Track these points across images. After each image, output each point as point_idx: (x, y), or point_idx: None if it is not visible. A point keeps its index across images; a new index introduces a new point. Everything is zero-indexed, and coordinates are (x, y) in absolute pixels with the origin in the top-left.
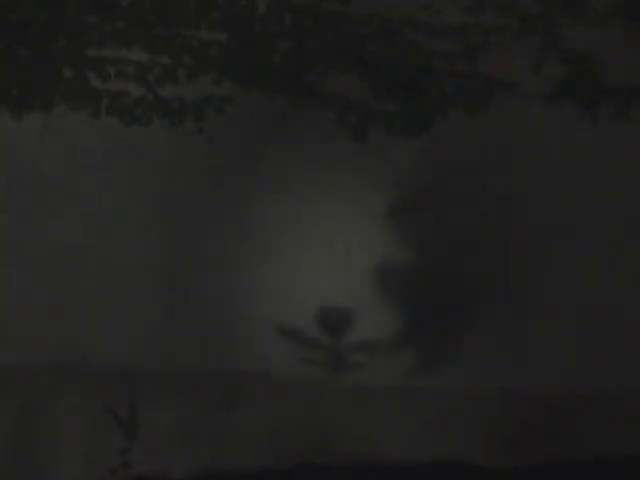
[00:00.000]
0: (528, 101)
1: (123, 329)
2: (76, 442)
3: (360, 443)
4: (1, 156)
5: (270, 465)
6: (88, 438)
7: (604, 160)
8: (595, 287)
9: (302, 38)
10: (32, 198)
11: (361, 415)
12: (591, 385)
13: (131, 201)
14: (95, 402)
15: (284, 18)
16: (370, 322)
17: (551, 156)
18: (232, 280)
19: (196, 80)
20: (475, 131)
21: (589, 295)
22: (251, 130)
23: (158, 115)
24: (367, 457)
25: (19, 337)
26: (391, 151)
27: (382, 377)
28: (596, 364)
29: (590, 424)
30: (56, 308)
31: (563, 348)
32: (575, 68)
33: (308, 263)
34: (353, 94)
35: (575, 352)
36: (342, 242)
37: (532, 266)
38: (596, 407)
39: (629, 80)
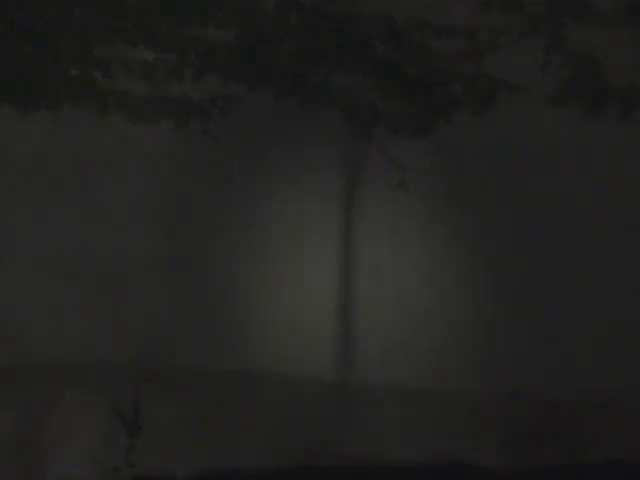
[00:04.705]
0: (533, 102)
1: (124, 328)
2: (78, 441)
3: (361, 443)
4: (6, 155)
5: (271, 465)
6: (90, 437)
7: (609, 161)
8: (597, 287)
9: (308, 38)
10: (36, 197)
11: (362, 415)
12: (594, 386)
13: (135, 201)
14: (97, 401)
15: (290, 18)
16: (376, 322)
17: (556, 157)
18: (234, 280)
19: (202, 79)
20: (480, 131)
21: (591, 295)
22: (256, 130)
23: (164, 114)
24: (368, 457)
25: (20, 337)
26: (398, 151)
27: (383, 377)
28: (599, 365)
29: (593, 425)
30: (57, 308)
31: (566, 348)
32: (580, 69)
33: (311, 263)
34: (359, 94)
35: (578, 352)
36: (347, 242)
37: (534, 266)
38: (599, 408)
39: (634, 81)
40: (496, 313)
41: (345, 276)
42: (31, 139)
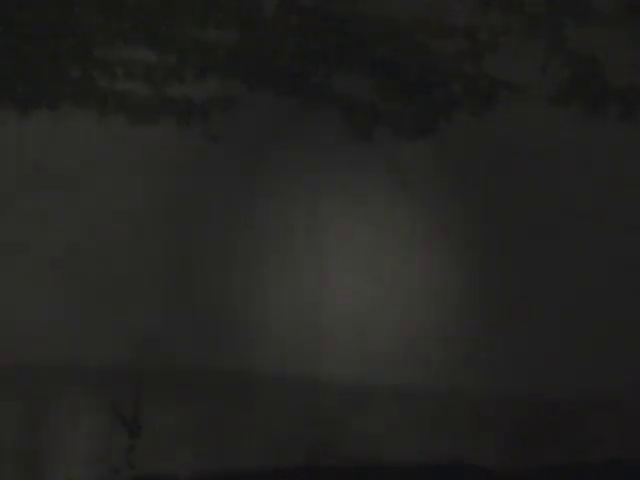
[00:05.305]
0: (534, 102)
1: (124, 329)
2: (78, 442)
3: (361, 443)
4: (6, 155)
5: (271, 465)
6: (90, 438)
7: (609, 161)
8: (597, 287)
9: (308, 38)
10: (36, 197)
11: (362, 415)
12: (594, 386)
13: (135, 201)
14: (97, 402)
15: (290, 19)
16: (377, 323)
17: (556, 157)
18: (235, 281)
19: (202, 80)
20: (480, 131)
21: (591, 295)
22: (257, 130)
23: (164, 115)
24: (368, 457)
25: (20, 337)
26: (398, 152)
27: (383, 377)
28: (599, 365)
29: (593, 425)
30: (58, 308)
31: (566, 348)
32: (581, 69)
33: (312, 263)
34: (359, 94)
35: (578, 352)
36: (347, 242)
37: (534, 266)
38: (599, 408)
39: (634, 81)
40: (496, 313)
41: (345, 276)
42: (31, 139)
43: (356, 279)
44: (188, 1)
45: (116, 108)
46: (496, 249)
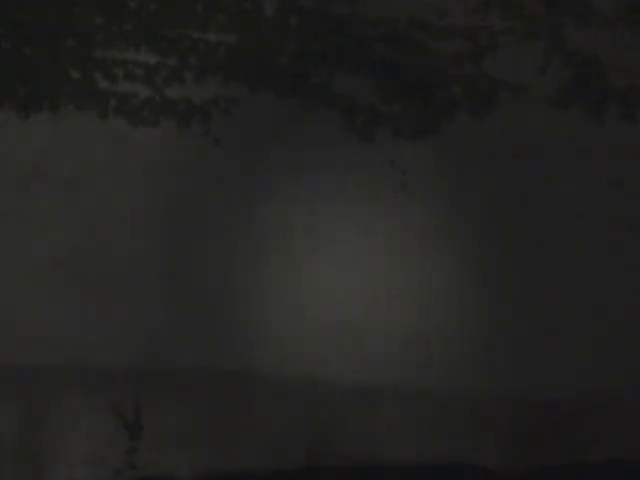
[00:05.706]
0: (534, 102)
1: (124, 329)
2: (79, 443)
3: (361, 443)
4: (7, 155)
5: (272, 465)
6: (90, 438)
7: (609, 161)
8: (597, 287)
9: (308, 39)
10: (36, 198)
11: (362, 415)
12: (594, 386)
13: (135, 201)
14: (97, 402)
15: (291, 20)
16: (376, 323)
17: (556, 157)
18: (235, 281)
19: (203, 82)
20: (481, 132)
21: (591, 295)
22: (257, 131)
23: (165, 116)
24: (368, 457)
25: (20, 337)
26: (398, 152)
27: (383, 377)
28: (599, 365)
29: (593, 426)
30: (58, 308)
31: (566, 348)
32: (581, 70)
33: (311, 263)
34: (359, 96)
35: (578, 352)
36: (346, 242)
37: (534, 266)
38: (599, 408)
39: (635, 81)
40: (496, 313)
41: (345, 276)
42: (32, 140)
43: (356, 279)
44: (188, 2)
45: (117, 109)
46: (496, 249)
